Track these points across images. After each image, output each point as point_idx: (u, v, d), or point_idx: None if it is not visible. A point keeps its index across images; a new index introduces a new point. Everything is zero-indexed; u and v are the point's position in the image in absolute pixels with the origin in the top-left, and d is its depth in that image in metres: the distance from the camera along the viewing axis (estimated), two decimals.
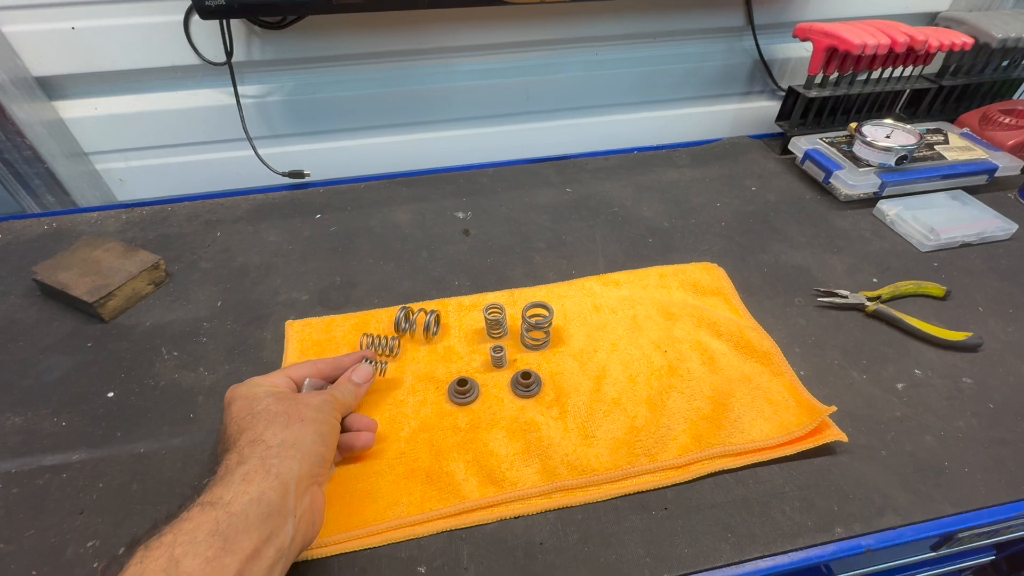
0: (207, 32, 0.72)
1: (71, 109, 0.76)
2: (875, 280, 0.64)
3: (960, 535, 0.43)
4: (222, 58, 0.73)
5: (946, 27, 0.84)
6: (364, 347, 0.54)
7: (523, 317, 0.54)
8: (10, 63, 0.68)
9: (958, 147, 0.78)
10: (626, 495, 0.44)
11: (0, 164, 0.72)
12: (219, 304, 0.62)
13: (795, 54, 0.91)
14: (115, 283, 0.60)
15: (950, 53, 0.83)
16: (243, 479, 0.33)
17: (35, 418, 0.50)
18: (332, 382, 0.47)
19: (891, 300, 0.60)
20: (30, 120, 0.71)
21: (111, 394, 0.52)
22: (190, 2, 0.69)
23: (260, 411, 0.38)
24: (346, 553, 0.40)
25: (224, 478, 0.34)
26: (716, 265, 0.65)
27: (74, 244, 0.65)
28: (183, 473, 0.45)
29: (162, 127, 0.79)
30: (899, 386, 0.52)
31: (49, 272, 0.61)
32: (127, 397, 0.52)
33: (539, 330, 0.55)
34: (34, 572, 0.40)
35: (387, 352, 0.54)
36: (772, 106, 0.95)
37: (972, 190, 0.75)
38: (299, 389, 0.45)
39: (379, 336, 0.54)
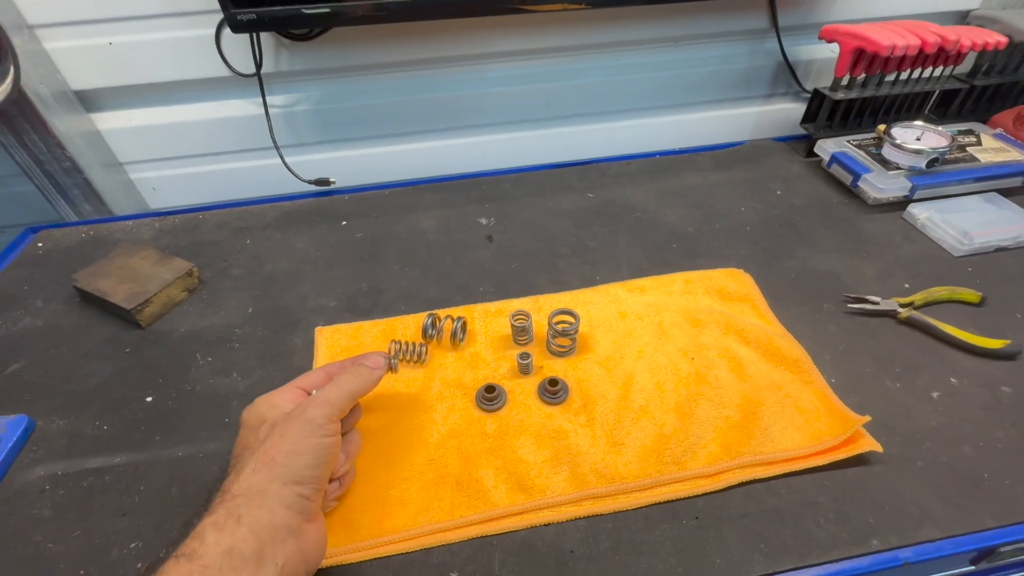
0: (237, 45, 0.74)
1: (107, 121, 0.78)
2: (907, 286, 0.62)
3: (1001, 549, 0.42)
4: (252, 70, 0.74)
5: (978, 26, 0.82)
6: (393, 353, 0.55)
7: (549, 324, 0.55)
8: (51, 78, 0.71)
9: (992, 148, 0.76)
10: (656, 504, 0.44)
11: (42, 175, 0.75)
12: (250, 310, 0.64)
13: (820, 55, 0.90)
14: (152, 290, 0.62)
15: (983, 52, 0.81)
16: (215, 529, 0.32)
17: (78, 422, 0.52)
18: None
19: (924, 306, 0.59)
20: (69, 132, 0.74)
21: (150, 399, 0.54)
22: (222, 16, 0.71)
23: (247, 445, 0.38)
24: (380, 558, 0.41)
25: (200, 528, 0.33)
26: (742, 271, 0.64)
27: (111, 252, 0.67)
28: (217, 477, 0.47)
29: (193, 137, 0.81)
30: (934, 395, 0.51)
31: (89, 280, 0.63)
32: (165, 402, 0.54)
33: (565, 337, 0.55)
34: (81, 572, 0.41)
35: (415, 358, 0.55)
36: (795, 108, 0.94)
37: (1007, 192, 0.73)
38: None
39: (407, 342, 0.55)
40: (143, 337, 0.61)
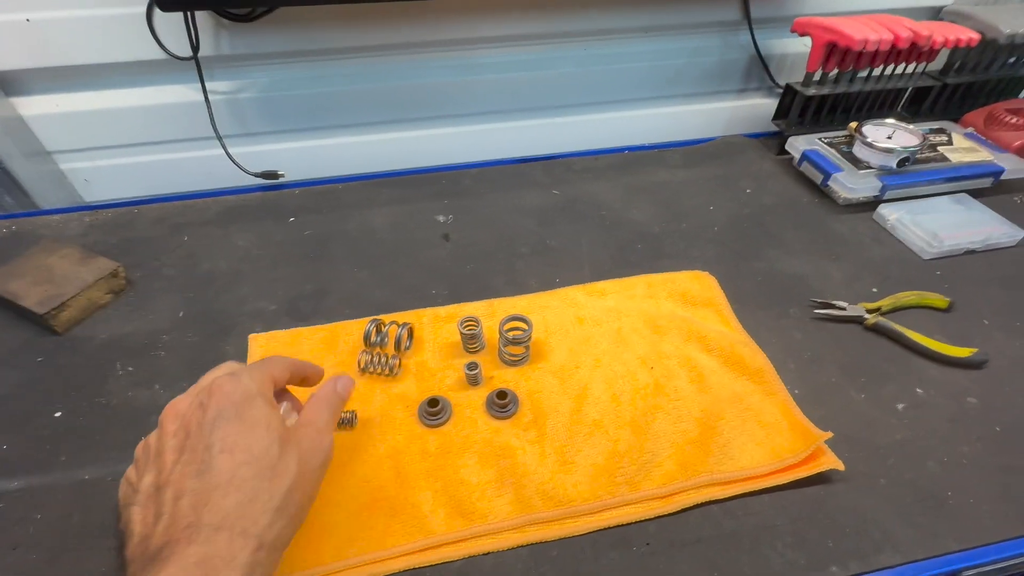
0: (172, 25, 0.68)
1: (30, 106, 0.72)
2: (875, 290, 0.60)
3: (964, 574, 0.40)
4: (188, 52, 0.69)
5: (951, 22, 0.80)
6: (363, 366, 0.50)
7: (500, 332, 0.51)
8: None
9: (962, 148, 0.75)
10: (605, 528, 0.41)
11: None
12: (181, 315, 0.59)
13: (793, 50, 0.88)
14: (69, 292, 0.56)
15: (955, 49, 0.79)
16: None
17: None
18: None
19: (892, 312, 0.57)
20: None
21: (58, 414, 0.49)
22: None
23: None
24: None
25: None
26: (707, 273, 0.61)
27: (29, 250, 0.61)
28: None
29: (128, 125, 0.75)
30: (899, 406, 0.49)
31: (0, 280, 0.57)
32: (75, 417, 0.49)
33: (517, 345, 0.51)
34: None
35: (387, 371, 0.51)
36: (768, 104, 0.91)
37: (976, 193, 0.72)
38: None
39: (379, 353, 0.50)
40: (58, 344, 0.55)
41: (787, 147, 0.79)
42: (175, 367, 0.53)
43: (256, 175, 0.76)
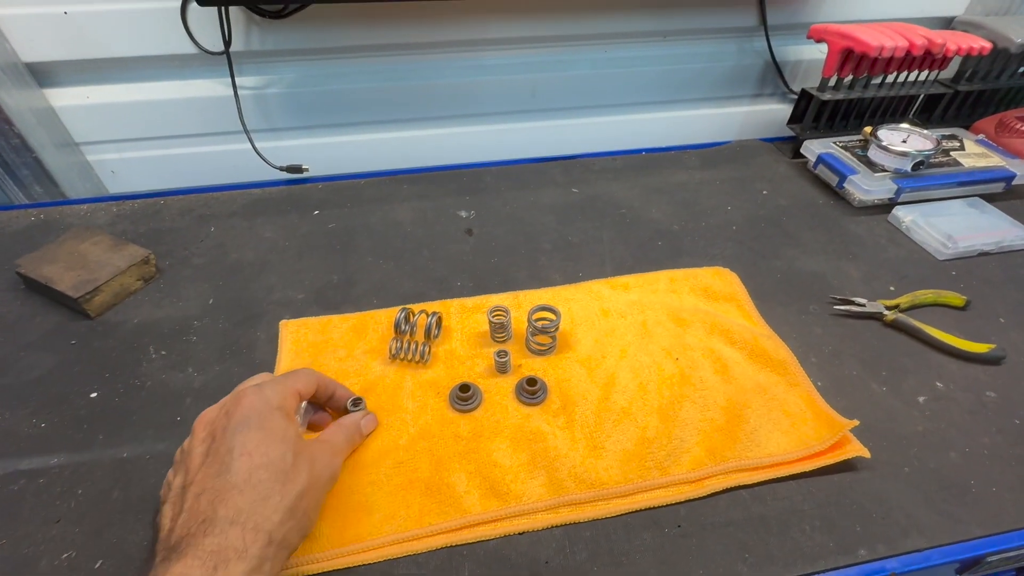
0: (205, 20, 0.69)
1: (62, 97, 0.73)
2: (892, 288, 0.62)
3: (989, 559, 0.40)
4: (220, 47, 0.70)
5: (963, 31, 0.82)
6: (393, 352, 0.51)
7: (529, 320, 0.52)
8: None
9: (974, 153, 0.76)
10: (637, 511, 0.41)
11: None
12: (211, 302, 0.59)
13: (807, 56, 0.90)
14: (102, 278, 0.57)
15: (967, 58, 0.81)
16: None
17: (12, 419, 0.47)
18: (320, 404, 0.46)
19: (910, 309, 0.58)
20: (19, 108, 0.68)
21: (94, 395, 0.50)
22: None
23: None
24: (339, 570, 0.38)
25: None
26: (728, 270, 0.63)
27: (61, 236, 0.62)
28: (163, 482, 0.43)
29: (156, 118, 0.76)
30: (920, 399, 0.50)
31: (33, 265, 0.58)
32: (111, 398, 0.49)
33: (545, 334, 0.52)
34: None
35: (418, 358, 0.52)
36: (782, 109, 0.93)
37: (989, 198, 0.73)
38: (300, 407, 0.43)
39: (410, 340, 0.51)
40: (91, 328, 0.56)
41: (802, 150, 0.80)
42: (207, 352, 0.54)
43: (281, 169, 0.78)
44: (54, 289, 0.56)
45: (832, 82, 0.80)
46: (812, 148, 0.79)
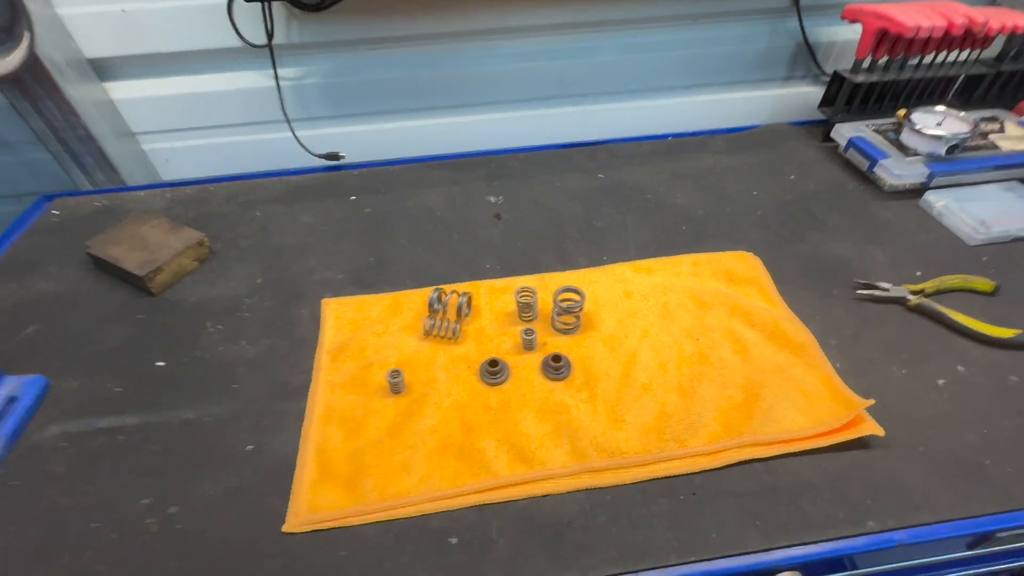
0: (249, 15, 0.73)
1: (120, 90, 0.79)
2: (919, 274, 0.62)
3: (999, 534, 0.42)
4: (263, 40, 0.74)
5: (1009, 7, 0.79)
6: (427, 329, 0.55)
7: (554, 301, 0.55)
8: (65, 45, 0.71)
9: (1015, 136, 0.74)
10: (655, 479, 0.44)
11: (56, 142, 0.76)
12: (258, 281, 0.64)
13: (841, 37, 0.88)
14: (163, 258, 0.63)
15: (1012, 36, 0.78)
16: None
17: (92, 383, 0.53)
18: None
19: (935, 294, 0.59)
20: (83, 100, 0.74)
21: (161, 363, 0.55)
22: None
23: None
24: (383, 521, 0.42)
25: None
26: (751, 254, 0.64)
27: (123, 220, 0.68)
28: (223, 440, 0.48)
29: (205, 108, 0.81)
30: (940, 382, 0.51)
31: (102, 246, 0.64)
32: (175, 367, 0.55)
33: (570, 314, 0.55)
34: (93, 525, 0.42)
35: (450, 335, 0.55)
36: (814, 92, 0.92)
37: None
38: None
39: (443, 318, 0.55)
40: (155, 304, 0.62)
41: (833, 134, 0.80)
42: (257, 327, 0.59)
43: (319, 156, 0.82)
44: (121, 268, 0.62)
45: (866, 64, 0.79)
46: (843, 132, 0.78)
